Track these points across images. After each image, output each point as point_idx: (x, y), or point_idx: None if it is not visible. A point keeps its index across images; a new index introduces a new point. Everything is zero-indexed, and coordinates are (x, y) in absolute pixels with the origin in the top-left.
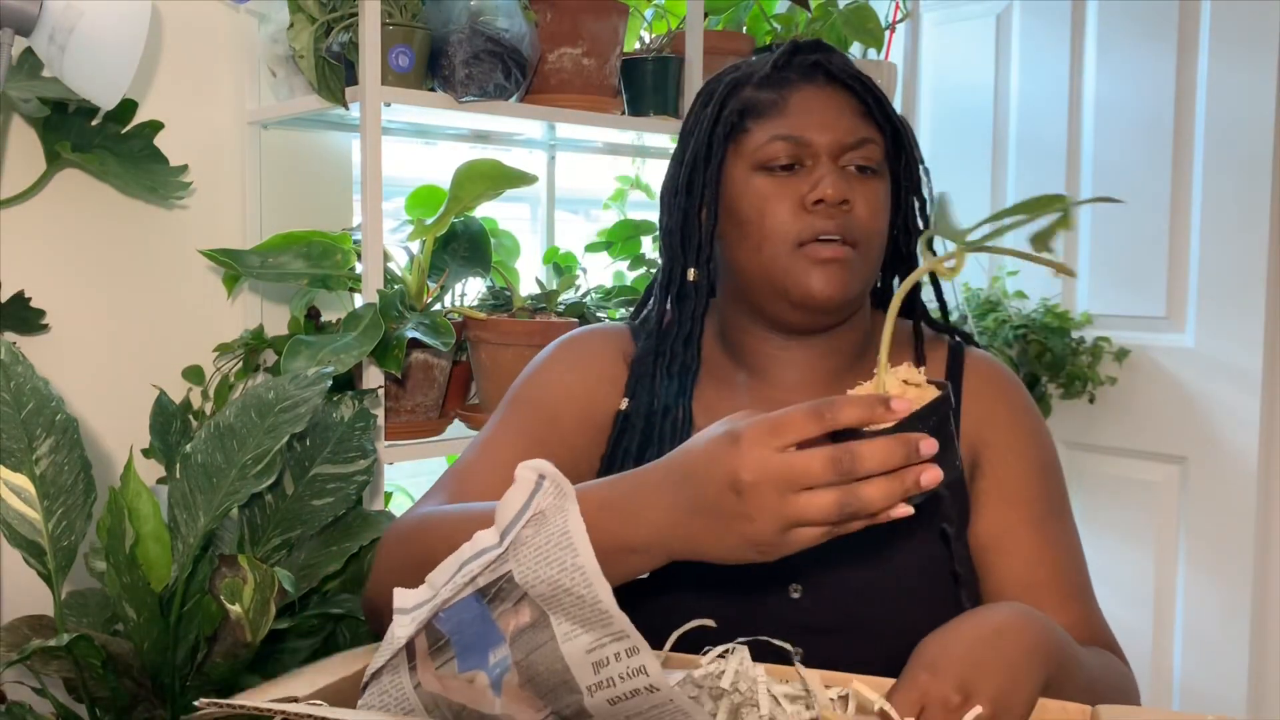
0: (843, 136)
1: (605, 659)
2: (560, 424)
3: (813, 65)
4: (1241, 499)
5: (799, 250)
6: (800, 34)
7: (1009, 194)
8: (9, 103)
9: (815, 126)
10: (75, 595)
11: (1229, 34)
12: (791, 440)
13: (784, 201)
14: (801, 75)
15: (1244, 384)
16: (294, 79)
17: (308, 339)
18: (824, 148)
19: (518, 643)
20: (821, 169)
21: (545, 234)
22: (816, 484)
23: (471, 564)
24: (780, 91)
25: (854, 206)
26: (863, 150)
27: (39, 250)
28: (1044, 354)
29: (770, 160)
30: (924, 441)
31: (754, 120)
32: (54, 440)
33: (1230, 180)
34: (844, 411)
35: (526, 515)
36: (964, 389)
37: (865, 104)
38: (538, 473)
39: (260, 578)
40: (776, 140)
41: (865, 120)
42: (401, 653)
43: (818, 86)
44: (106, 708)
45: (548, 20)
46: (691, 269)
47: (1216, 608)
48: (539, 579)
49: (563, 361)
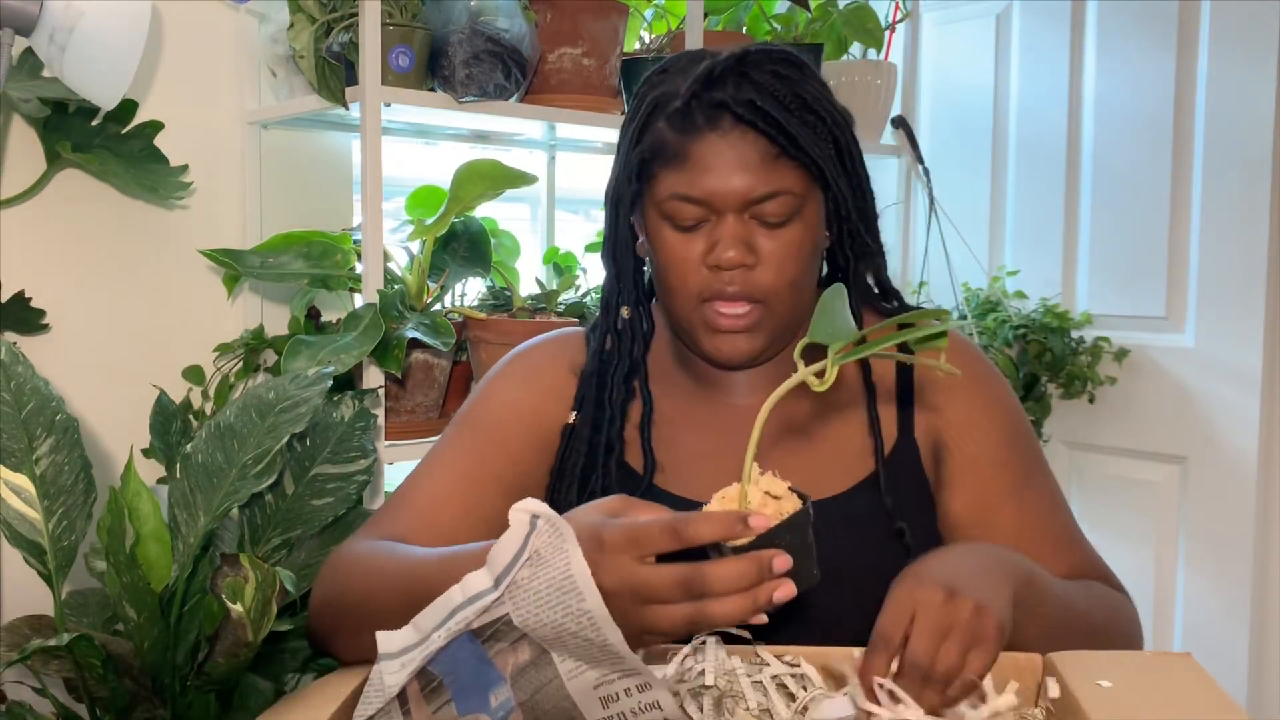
0: (745, 192)
1: (615, 694)
2: (507, 443)
3: (718, 106)
4: (1241, 499)
5: (704, 305)
6: (799, 33)
7: (1009, 194)
8: (9, 103)
9: (716, 183)
10: (75, 595)
11: (1229, 34)
12: (649, 552)
13: (688, 259)
14: (707, 120)
15: (1244, 384)
16: (294, 79)
17: (308, 339)
18: (726, 205)
19: (519, 683)
20: (724, 227)
21: (545, 234)
22: (668, 601)
23: (465, 610)
24: (685, 137)
25: (757, 264)
26: (766, 205)
27: (39, 250)
28: (1044, 354)
29: (673, 216)
30: (777, 559)
31: (660, 167)
32: (54, 440)
33: (1230, 180)
34: (700, 530)
35: (524, 558)
36: (916, 372)
37: (779, 144)
38: (530, 513)
39: (262, 577)
40: (676, 199)
41: (775, 165)
42: (394, 700)
43: (722, 134)
44: (106, 708)
45: (548, 20)
46: (625, 307)
47: (1216, 608)
48: (541, 622)
49: (511, 378)
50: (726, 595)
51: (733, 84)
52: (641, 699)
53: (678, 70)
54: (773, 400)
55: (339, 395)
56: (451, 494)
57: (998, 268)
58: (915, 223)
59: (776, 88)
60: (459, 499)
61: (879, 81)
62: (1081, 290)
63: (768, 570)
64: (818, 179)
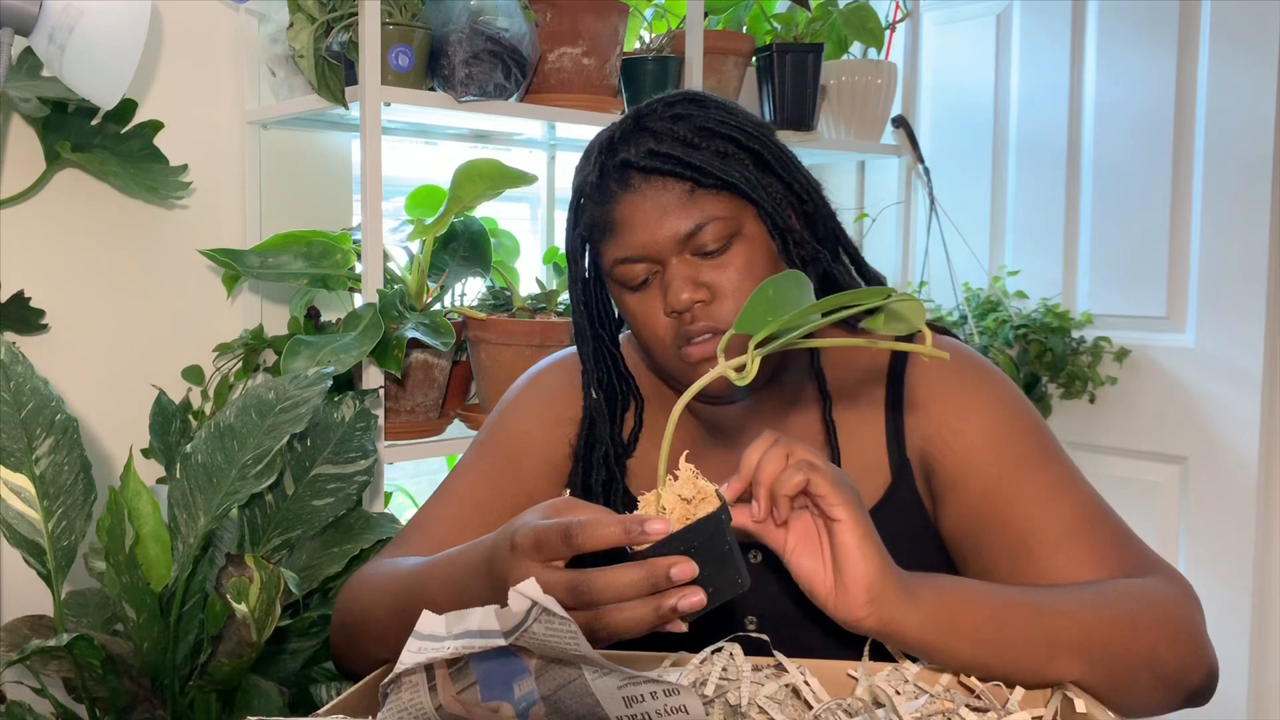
0: (674, 234)
1: (639, 695)
2: (521, 470)
3: (622, 166)
4: (1242, 499)
5: (680, 351)
6: (800, 33)
7: (1009, 194)
8: (9, 103)
9: (644, 236)
10: (75, 595)
11: (1229, 34)
12: (550, 557)
13: (651, 314)
14: (619, 183)
15: (1244, 384)
16: (294, 79)
17: (308, 339)
18: (663, 251)
19: (543, 677)
20: (669, 273)
21: (545, 234)
22: (566, 606)
23: (474, 640)
24: (607, 206)
25: (714, 297)
26: (698, 237)
27: (39, 250)
28: (1044, 354)
29: (624, 281)
30: (676, 567)
31: (599, 241)
32: (54, 440)
33: (1230, 180)
34: (592, 535)
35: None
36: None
37: (688, 179)
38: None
39: (266, 578)
40: (619, 264)
41: (694, 200)
42: (421, 671)
43: (633, 191)
44: (106, 708)
45: (548, 20)
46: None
47: (1216, 608)
48: (560, 652)
49: (525, 405)
50: (621, 603)
51: (633, 142)
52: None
53: (591, 150)
54: (686, 397)
55: (339, 395)
56: (467, 521)
57: (998, 268)
58: (915, 223)
59: (674, 129)
60: (473, 526)
61: (879, 81)
62: (1082, 290)
63: (663, 578)
64: (745, 196)
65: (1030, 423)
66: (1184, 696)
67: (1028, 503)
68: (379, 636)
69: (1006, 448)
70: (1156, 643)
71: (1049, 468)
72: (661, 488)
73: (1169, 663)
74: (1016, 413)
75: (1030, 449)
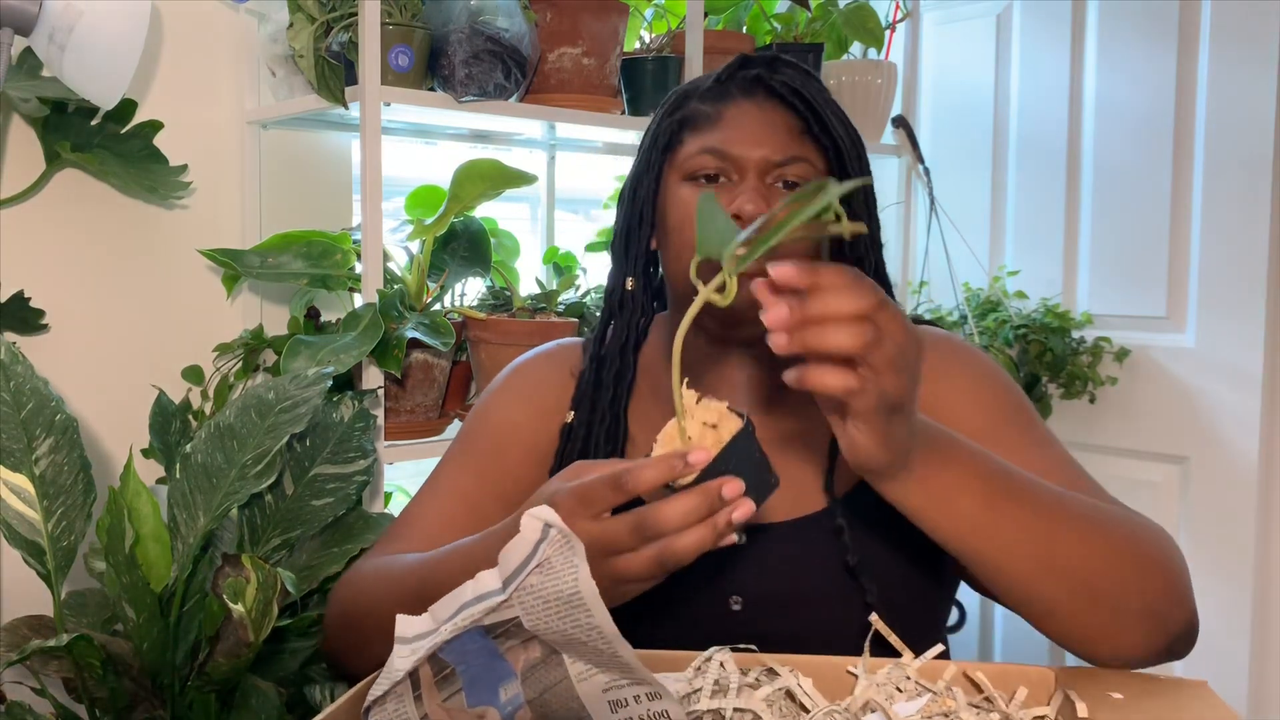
0: (771, 154)
1: (624, 699)
2: (506, 458)
3: (754, 80)
4: (1242, 499)
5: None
6: (800, 32)
7: (1009, 194)
8: (9, 103)
9: (744, 141)
10: (75, 595)
11: (1229, 34)
12: (600, 509)
13: None
14: (742, 90)
15: (1244, 384)
16: (294, 79)
17: (308, 339)
18: (751, 163)
19: (529, 680)
20: (746, 184)
21: (545, 234)
22: (628, 549)
23: (472, 608)
24: (717, 105)
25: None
26: (791, 168)
27: (39, 250)
28: (1044, 354)
29: (696, 170)
30: (726, 486)
31: (690, 132)
32: (54, 440)
33: (1230, 180)
34: (642, 478)
35: (533, 564)
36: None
37: (804, 121)
38: (544, 521)
39: (263, 578)
40: (704, 153)
41: (800, 138)
42: (405, 682)
43: (755, 102)
44: (106, 708)
45: (548, 20)
46: (630, 278)
47: (1217, 608)
48: (550, 629)
49: (510, 393)
50: (684, 530)
51: (767, 66)
52: (651, 707)
53: (705, 75)
54: (686, 322)
55: (339, 395)
56: (455, 514)
57: (998, 267)
58: (915, 223)
59: (811, 81)
60: (462, 519)
61: (879, 81)
62: (1082, 290)
63: (717, 500)
64: (835, 167)
65: (1010, 388)
66: (1167, 640)
67: (1007, 453)
68: (388, 631)
69: (990, 402)
70: (1148, 567)
71: (1031, 431)
72: (681, 419)
73: (1157, 592)
74: (997, 377)
75: (1012, 408)
